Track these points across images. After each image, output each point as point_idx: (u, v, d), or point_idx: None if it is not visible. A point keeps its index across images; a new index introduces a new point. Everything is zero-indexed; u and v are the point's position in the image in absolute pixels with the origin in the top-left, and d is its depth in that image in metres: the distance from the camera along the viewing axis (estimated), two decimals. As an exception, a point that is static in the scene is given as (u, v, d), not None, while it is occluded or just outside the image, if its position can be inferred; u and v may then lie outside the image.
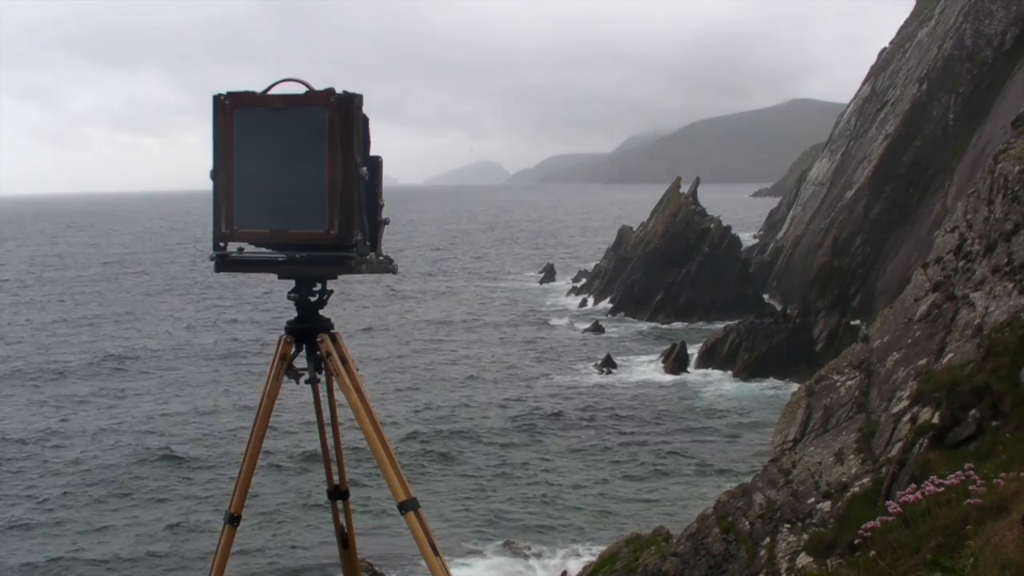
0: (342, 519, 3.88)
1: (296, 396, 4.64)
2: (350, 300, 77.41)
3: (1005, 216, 17.88)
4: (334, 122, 3.26)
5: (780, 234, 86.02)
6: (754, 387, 48.17)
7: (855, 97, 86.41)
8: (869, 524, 7.20)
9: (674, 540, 19.17)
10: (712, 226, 69.86)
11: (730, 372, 50.57)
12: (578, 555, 27.05)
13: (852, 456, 16.12)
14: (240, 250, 3.51)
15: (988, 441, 12.08)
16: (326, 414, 3.78)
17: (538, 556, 27.37)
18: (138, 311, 76.58)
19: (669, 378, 50.74)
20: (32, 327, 68.27)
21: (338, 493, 3.85)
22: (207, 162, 3.41)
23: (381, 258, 3.46)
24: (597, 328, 64.99)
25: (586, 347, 59.64)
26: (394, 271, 3.56)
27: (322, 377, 3.61)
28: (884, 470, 14.47)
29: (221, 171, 3.38)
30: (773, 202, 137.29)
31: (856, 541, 7.70)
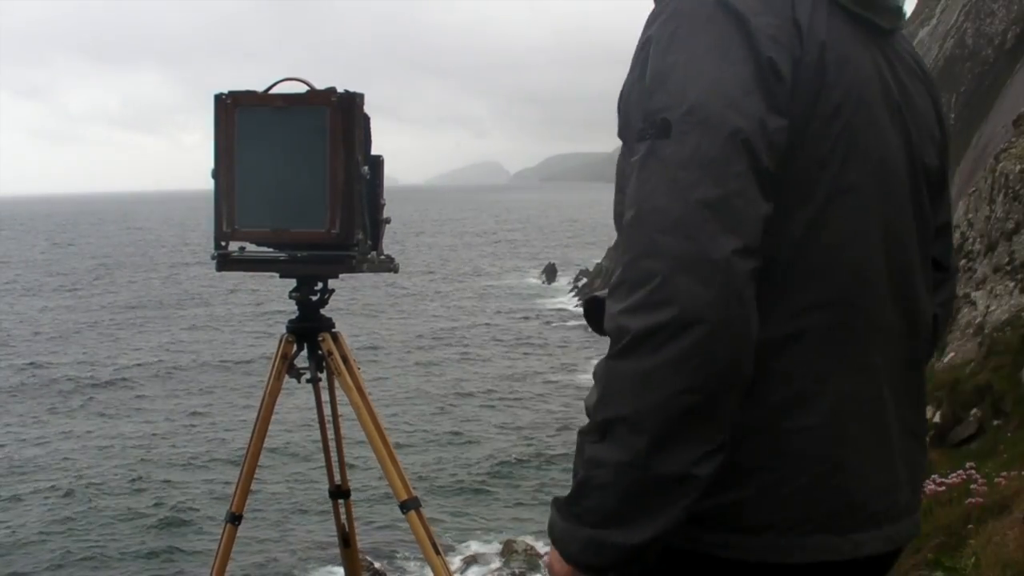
0: (343, 518, 3.87)
1: (298, 396, 4.65)
2: (349, 300, 77.37)
3: (1006, 215, 17.87)
4: (335, 121, 3.26)
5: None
6: (755, 386, 48.14)
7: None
8: (870, 523, 7.18)
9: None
10: (713, 225, 69.92)
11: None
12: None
13: (853, 455, 16.12)
14: (241, 249, 3.51)
15: (989, 440, 12.08)
16: (327, 413, 3.78)
17: (539, 556, 27.37)
18: (137, 313, 76.57)
19: (670, 377, 50.68)
20: (31, 330, 68.27)
21: (339, 492, 3.84)
22: (207, 161, 3.41)
23: (382, 257, 3.45)
24: (598, 327, 64.99)
25: (587, 347, 59.59)
26: (395, 270, 3.56)
27: (323, 376, 3.61)
28: (885, 469, 14.47)
29: (223, 170, 3.38)
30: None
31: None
